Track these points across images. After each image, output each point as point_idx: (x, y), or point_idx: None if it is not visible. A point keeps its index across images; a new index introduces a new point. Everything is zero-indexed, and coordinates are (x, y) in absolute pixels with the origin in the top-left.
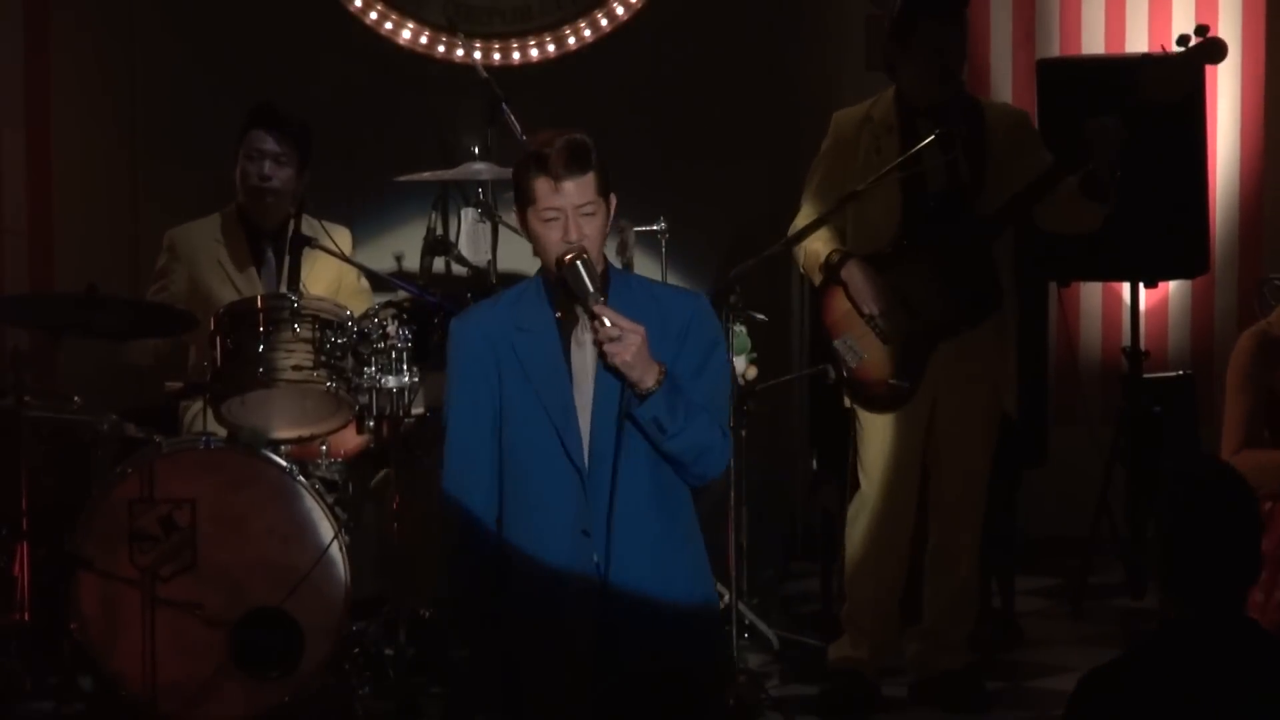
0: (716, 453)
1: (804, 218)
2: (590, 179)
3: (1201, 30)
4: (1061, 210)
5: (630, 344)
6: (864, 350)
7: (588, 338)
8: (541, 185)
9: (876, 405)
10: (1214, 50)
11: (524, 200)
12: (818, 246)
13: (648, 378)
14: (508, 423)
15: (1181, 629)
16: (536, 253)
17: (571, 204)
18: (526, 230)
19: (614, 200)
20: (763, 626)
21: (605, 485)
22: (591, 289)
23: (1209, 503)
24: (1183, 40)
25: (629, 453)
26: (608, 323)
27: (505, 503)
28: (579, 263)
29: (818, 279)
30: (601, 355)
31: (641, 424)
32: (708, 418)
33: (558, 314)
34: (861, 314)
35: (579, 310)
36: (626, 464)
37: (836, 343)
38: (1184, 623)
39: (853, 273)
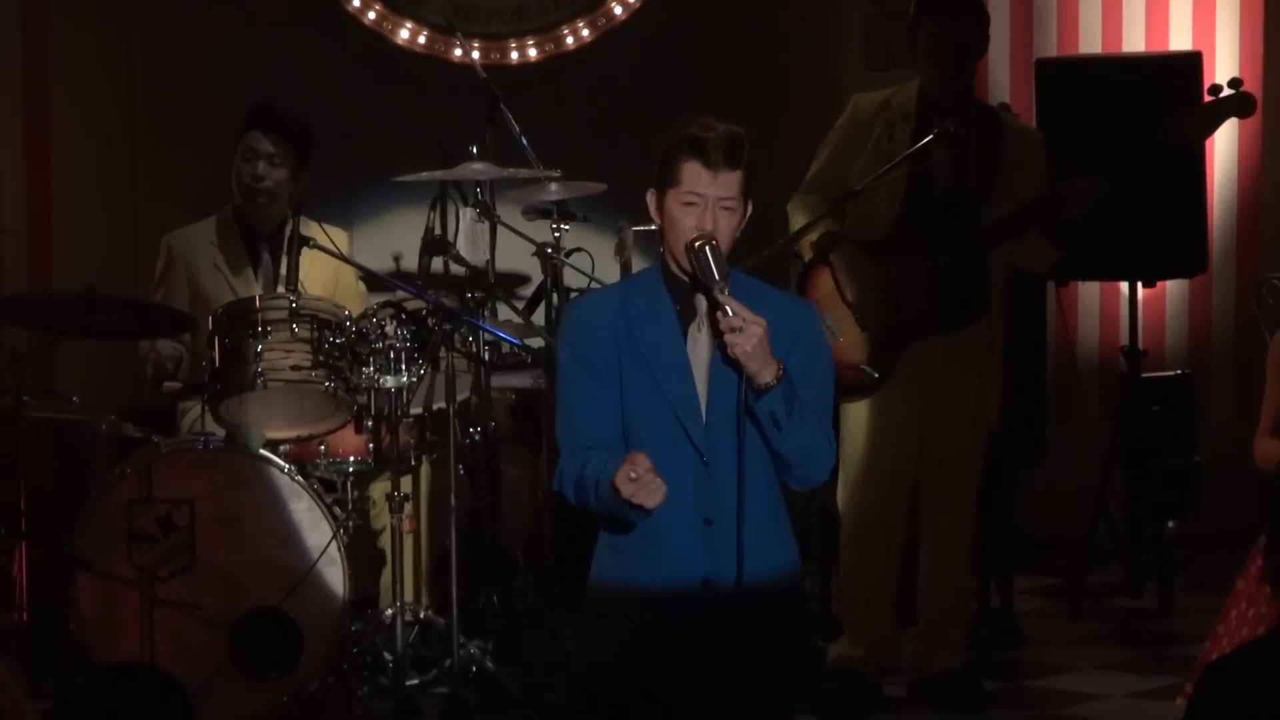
0: (823, 458)
1: (804, 193)
2: (738, 176)
3: (1235, 83)
4: (1022, 246)
5: (752, 335)
6: (841, 333)
7: (703, 333)
8: (691, 169)
9: (844, 391)
10: (1244, 105)
11: (667, 181)
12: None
13: (765, 372)
14: (626, 410)
15: None
16: (661, 238)
17: (716, 194)
18: (659, 212)
19: (750, 207)
20: None
21: (724, 476)
22: (718, 276)
23: None
24: (1214, 90)
25: (749, 447)
26: (731, 312)
27: None
28: (708, 248)
29: (807, 256)
30: (721, 345)
31: (759, 418)
32: (819, 422)
33: (676, 306)
34: (845, 299)
35: (697, 302)
36: (747, 458)
37: None
38: None
39: (840, 258)
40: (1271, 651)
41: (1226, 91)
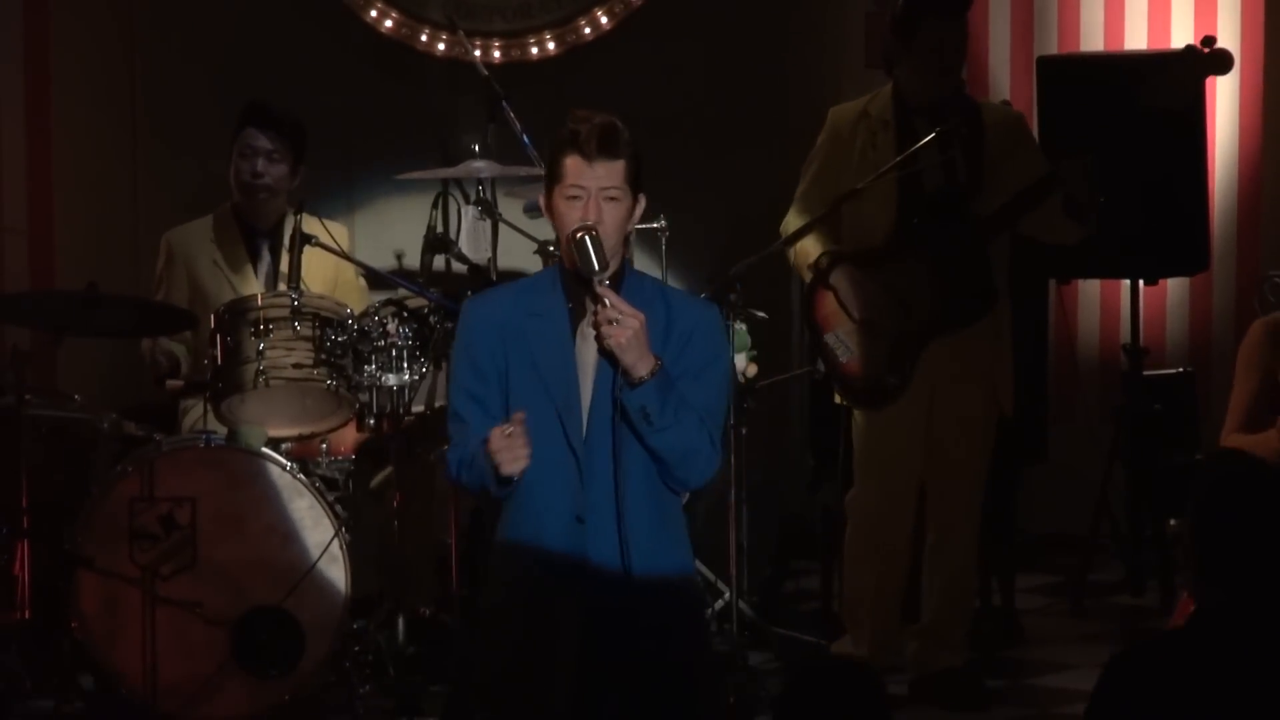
0: (703, 460)
1: (796, 213)
2: (619, 166)
3: (1209, 41)
4: (1044, 221)
5: (627, 327)
6: (854, 346)
7: (592, 330)
8: (571, 162)
9: (865, 401)
10: (1220, 62)
11: (552, 177)
12: (808, 246)
13: (640, 366)
14: (512, 407)
15: (1214, 615)
16: (556, 235)
17: (597, 185)
18: (550, 211)
19: (643, 200)
20: (763, 624)
21: (601, 474)
22: (597, 267)
23: (1241, 491)
24: (1189, 50)
25: (627, 445)
26: (609, 303)
27: None
28: (587, 238)
29: (807, 277)
30: (599, 337)
31: (629, 411)
32: (698, 422)
33: (569, 304)
34: (852, 318)
35: (589, 301)
36: (625, 456)
37: (828, 337)
38: (1217, 609)
39: (841, 280)
40: (1174, 646)
41: (1202, 50)
